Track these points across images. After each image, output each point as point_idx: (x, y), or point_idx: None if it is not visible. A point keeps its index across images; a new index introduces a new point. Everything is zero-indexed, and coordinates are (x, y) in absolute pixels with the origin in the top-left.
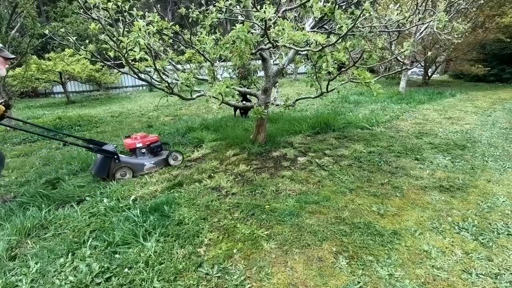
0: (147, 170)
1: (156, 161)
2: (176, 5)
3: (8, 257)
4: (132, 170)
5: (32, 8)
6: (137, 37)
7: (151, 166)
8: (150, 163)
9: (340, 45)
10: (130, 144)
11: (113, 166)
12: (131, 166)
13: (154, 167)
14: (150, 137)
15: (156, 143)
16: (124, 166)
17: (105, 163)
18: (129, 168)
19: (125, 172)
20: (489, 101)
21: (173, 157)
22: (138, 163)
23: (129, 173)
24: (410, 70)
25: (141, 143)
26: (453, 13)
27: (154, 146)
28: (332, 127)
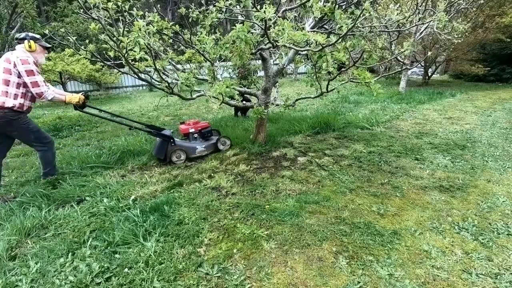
0: (198, 153)
1: (206, 145)
2: (176, 5)
3: (8, 257)
4: (186, 153)
5: (32, 8)
6: (137, 37)
7: (202, 150)
8: (201, 146)
9: (340, 45)
10: (184, 129)
11: (169, 149)
12: (185, 149)
13: (204, 150)
14: (202, 123)
15: (207, 129)
16: (178, 149)
17: (163, 146)
18: (183, 151)
19: (180, 154)
20: (489, 101)
21: (221, 142)
22: (190, 147)
23: (183, 155)
24: (410, 70)
25: (194, 128)
26: (453, 13)
27: (205, 131)
28: (332, 127)
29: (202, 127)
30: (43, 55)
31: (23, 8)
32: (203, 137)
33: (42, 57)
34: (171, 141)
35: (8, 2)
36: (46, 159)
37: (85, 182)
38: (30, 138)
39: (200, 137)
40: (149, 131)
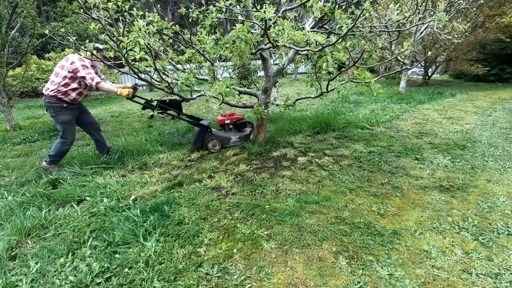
0: (232, 143)
1: (240, 135)
2: (176, 5)
3: (8, 257)
4: (221, 142)
5: (32, 8)
6: (137, 37)
7: (236, 140)
8: (235, 137)
9: (340, 45)
10: (220, 120)
11: (206, 138)
12: (220, 139)
13: (238, 140)
14: (236, 116)
15: (241, 121)
16: (215, 138)
17: (201, 135)
18: (219, 140)
19: (215, 143)
20: (489, 101)
21: (254, 133)
22: (225, 137)
23: (219, 144)
24: (410, 70)
25: (229, 120)
26: (453, 13)
27: (240, 123)
28: (332, 127)
29: (237, 119)
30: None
31: (23, 8)
32: (237, 128)
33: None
34: (209, 130)
35: (8, 2)
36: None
37: (85, 182)
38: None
39: (235, 128)
40: (189, 121)
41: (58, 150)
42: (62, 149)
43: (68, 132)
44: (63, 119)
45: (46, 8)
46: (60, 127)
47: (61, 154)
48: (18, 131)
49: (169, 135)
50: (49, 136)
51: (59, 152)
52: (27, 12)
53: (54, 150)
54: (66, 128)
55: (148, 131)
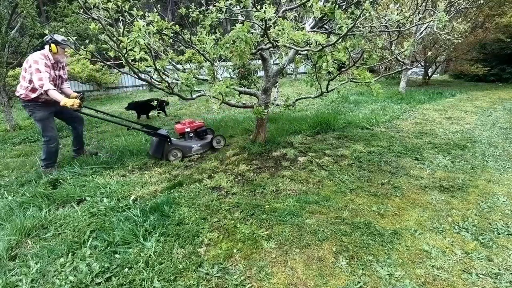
0: (194, 151)
1: (202, 143)
2: (176, 5)
3: (8, 257)
4: (182, 152)
5: (32, 8)
6: (137, 37)
7: (197, 148)
8: (197, 145)
9: (340, 45)
10: (180, 129)
11: (166, 148)
12: (181, 148)
13: (200, 149)
14: (196, 123)
15: (202, 128)
16: (175, 148)
17: (160, 145)
18: (179, 149)
19: (176, 153)
20: (489, 101)
21: (216, 140)
22: (186, 145)
23: (180, 154)
24: (410, 70)
25: (189, 127)
26: (453, 13)
27: (200, 130)
28: (332, 127)
29: (197, 127)
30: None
31: (23, 8)
32: (198, 136)
33: (63, 58)
34: (168, 140)
35: (8, 2)
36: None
37: (85, 182)
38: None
39: (196, 136)
40: (146, 131)
41: (46, 152)
42: (50, 149)
43: (47, 129)
44: (40, 116)
45: (46, 8)
46: (38, 125)
47: (51, 154)
48: (18, 131)
49: None
50: None
51: (48, 153)
52: (27, 12)
53: (43, 153)
54: (44, 124)
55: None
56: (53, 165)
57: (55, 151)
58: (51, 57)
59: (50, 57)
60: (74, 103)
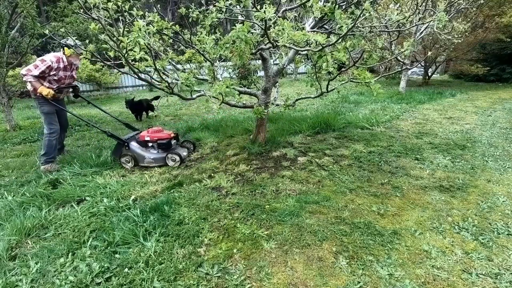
0: (146, 163)
1: (155, 157)
2: (176, 5)
3: (8, 257)
4: (135, 160)
5: (32, 8)
6: (137, 37)
7: (149, 160)
8: (150, 158)
9: (340, 45)
10: (141, 136)
11: (123, 152)
12: (136, 156)
13: (152, 162)
14: (162, 134)
15: (164, 140)
16: (129, 154)
17: (119, 147)
18: (133, 157)
19: (128, 159)
20: (489, 101)
21: (171, 158)
22: (140, 154)
23: (132, 161)
24: (410, 70)
25: (150, 137)
26: (453, 13)
27: (161, 142)
28: (332, 127)
29: (159, 138)
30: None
31: (23, 8)
32: (160, 147)
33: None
34: (125, 145)
35: (8, 2)
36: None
37: (85, 182)
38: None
39: (158, 147)
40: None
41: (47, 145)
42: (51, 142)
43: (52, 122)
44: (47, 110)
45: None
46: (44, 117)
47: (51, 148)
48: (18, 131)
49: None
50: None
51: (49, 146)
52: (27, 12)
53: (43, 147)
54: (50, 118)
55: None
56: (53, 160)
57: (54, 145)
58: (65, 59)
59: (64, 59)
60: (49, 93)
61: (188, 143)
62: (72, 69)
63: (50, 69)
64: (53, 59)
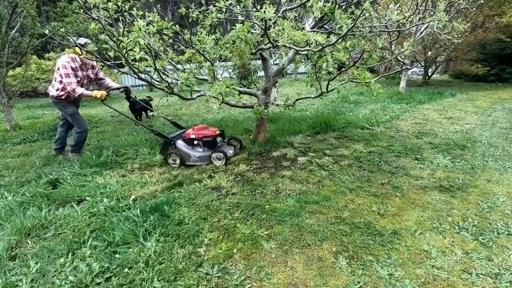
0: (192, 161)
1: (201, 155)
2: (176, 5)
3: (8, 257)
4: (181, 158)
5: (32, 8)
6: (137, 37)
7: (195, 159)
8: (195, 156)
9: (340, 45)
10: (187, 134)
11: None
12: (181, 154)
13: (198, 160)
14: (207, 131)
15: (208, 138)
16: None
17: (165, 146)
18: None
19: (176, 158)
20: (489, 101)
21: (216, 157)
22: (186, 153)
23: (178, 160)
24: (410, 70)
25: (194, 134)
26: (453, 13)
27: (206, 140)
28: (332, 127)
29: (204, 135)
30: None
31: (23, 8)
32: (206, 145)
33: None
34: (172, 143)
35: (8, 2)
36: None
37: (85, 182)
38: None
39: (203, 145)
40: (151, 130)
41: (77, 139)
42: (81, 138)
43: (80, 121)
44: (71, 111)
45: (46, 8)
46: (71, 119)
47: (81, 142)
48: (18, 131)
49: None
50: (49, 136)
51: (78, 140)
52: (27, 12)
53: (74, 140)
54: (76, 118)
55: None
56: (79, 151)
57: (84, 139)
58: (78, 59)
59: (77, 59)
60: (102, 95)
61: (234, 140)
62: (87, 68)
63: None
64: (68, 60)
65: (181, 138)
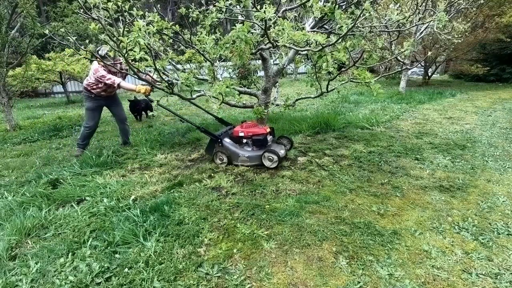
0: (240, 161)
1: (251, 155)
2: (176, 5)
3: (8, 257)
4: (229, 158)
5: (32, 8)
6: (137, 37)
7: (244, 159)
8: (245, 156)
9: (340, 45)
10: (235, 131)
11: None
12: (229, 153)
13: (247, 160)
14: (256, 129)
15: (259, 136)
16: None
17: (211, 145)
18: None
19: (222, 157)
20: (489, 101)
21: (268, 157)
22: (235, 152)
23: (226, 159)
24: (410, 70)
25: (244, 132)
26: (453, 13)
27: (257, 139)
28: (332, 127)
29: (254, 133)
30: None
31: (23, 8)
32: (256, 144)
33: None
34: (219, 141)
35: (8, 2)
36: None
37: (85, 182)
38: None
39: (253, 144)
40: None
41: (81, 134)
42: (84, 133)
43: (89, 118)
44: (88, 106)
45: (46, 8)
46: (86, 113)
47: (83, 137)
48: (18, 131)
49: (169, 135)
50: (49, 136)
51: (82, 135)
52: (27, 12)
53: (80, 134)
54: (89, 114)
55: (148, 131)
56: (82, 147)
57: (88, 136)
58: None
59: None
60: (146, 90)
61: (284, 139)
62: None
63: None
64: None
65: (228, 136)
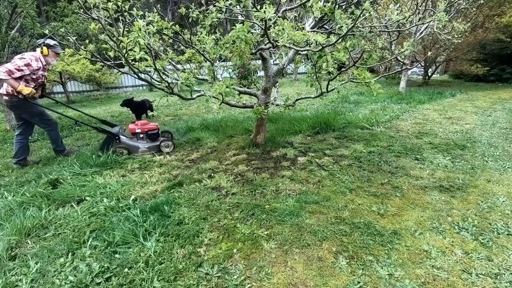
0: (141, 152)
1: (150, 145)
2: (176, 5)
3: (8, 257)
4: (128, 150)
5: (31, 8)
6: (137, 37)
7: (144, 150)
8: (144, 147)
9: (340, 45)
10: (131, 129)
11: (114, 145)
12: (128, 147)
13: (147, 150)
14: (150, 125)
15: (154, 131)
16: (121, 146)
17: (108, 141)
18: (125, 148)
19: (122, 151)
20: (489, 101)
21: (164, 145)
22: (134, 145)
23: (125, 152)
24: (410, 70)
25: (140, 129)
26: (453, 13)
27: (151, 133)
28: (332, 127)
29: (149, 129)
30: (54, 59)
31: (23, 8)
32: (150, 138)
33: (54, 61)
34: (116, 138)
35: (8, 2)
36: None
37: (85, 182)
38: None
39: (147, 138)
40: (96, 127)
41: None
42: (58, 133)
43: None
44: (39, 110)
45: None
46: (39, 119)
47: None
48: None
49: None
50: None
51: (55, 138)
52: (26, 12)
53: (53, 141)
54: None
55: None
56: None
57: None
58: (43, 59)
59: (42, 59)
60: (31, 92)
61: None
62: (47, 69)
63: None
64: (32, 58)
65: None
